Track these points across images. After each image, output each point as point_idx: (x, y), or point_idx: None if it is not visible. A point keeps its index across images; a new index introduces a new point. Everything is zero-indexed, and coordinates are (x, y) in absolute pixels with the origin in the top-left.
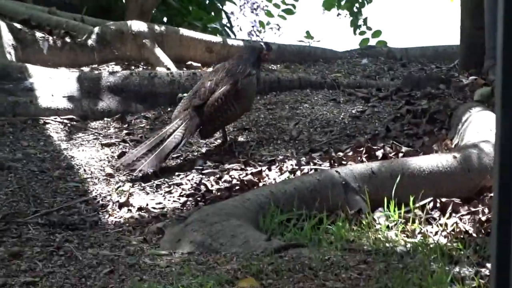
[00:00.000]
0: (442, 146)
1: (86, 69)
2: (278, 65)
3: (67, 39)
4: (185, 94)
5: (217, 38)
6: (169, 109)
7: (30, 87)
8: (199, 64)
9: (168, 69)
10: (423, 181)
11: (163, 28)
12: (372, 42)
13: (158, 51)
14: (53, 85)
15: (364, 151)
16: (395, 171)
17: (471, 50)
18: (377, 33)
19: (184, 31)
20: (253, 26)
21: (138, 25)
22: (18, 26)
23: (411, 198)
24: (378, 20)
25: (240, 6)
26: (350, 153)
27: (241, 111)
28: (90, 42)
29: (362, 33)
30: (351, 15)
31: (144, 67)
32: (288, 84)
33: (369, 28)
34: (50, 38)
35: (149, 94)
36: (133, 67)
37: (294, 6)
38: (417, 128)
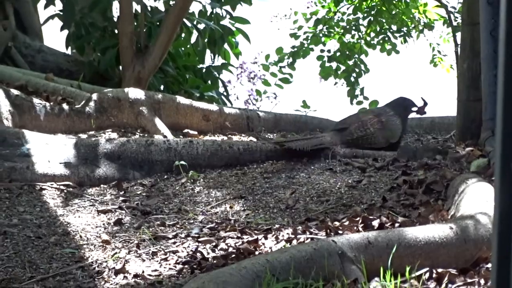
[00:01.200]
0: (438, 217)
1: (83, 135)
2: (275, 134)
3: (64, 106)
4: (182, 162)
5: (214, 107)
6: (165, 176)
7: (26, 153)
8: (196, 132)
9: (165, 136)
10: (419, 252)
11: (160, 96)
12: None
13: (155, 119)
14: (50, 151)
15: (360, 220)
16: (391, 241)
17: (467, 122)
18: (374, 103)
19: (181, 99)
20: (250, 95)
21: (135, 93)
22: (15, 92)
23: (407, 269)
24: (375, 90)
25: (237, 74)
26: (346, 223)
27: (382, 138)
28: (87, 109)
29: (359, 102)
30: (348, 85)
31: (141, 135)
32: (285, 153)
33: (366, 98)
34: (47, 104)
35: (146, 161)
36: (130, 134)
37: (291, 75)
38: (414, 198)
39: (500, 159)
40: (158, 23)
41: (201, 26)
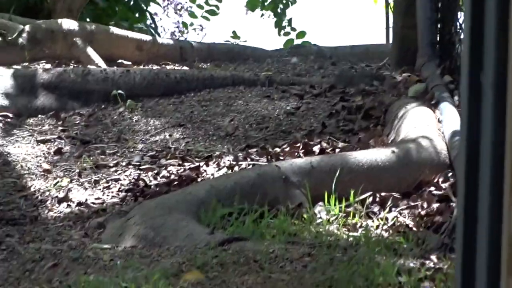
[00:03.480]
0: (378, 142)
1: (17, 67)
2: (208, 64)
3: None
4: (119, 91)
5: (147, 37)
6: (103, 106)
7: None
8: (130, 63)
9: (99, 67)
10: (362, 176)
11: (93, 26)
12: (297, 42)
13: (89, 50)
14: None
15: (301, 146)
16: (334, 165)
17: (403, 48)
18: (301, 34)
19: (114, 30)
20: (177, 27)
21: (68, 24)
22: None
23: (351, 193)
24: (303, 21)
25: (164, 7)
26: (287, 149)
27: None
28: (20, 40)
29: (286, 33)
30: (275, 16)
31: (75, 66)
32: (222, 81)
33: (293, 29)
34: None
35: (83, 91)
36: (64, 66)
37: (217, 7)
38: (353, 124)
39: (467, 73)
40: None
41: None
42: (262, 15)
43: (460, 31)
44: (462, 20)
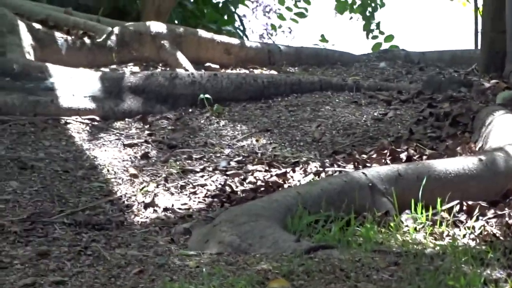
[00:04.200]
0: (466, 149)
1: (105, 69)
2: (296, 68)
3: (86, 40)
4: (207, 95)
5: (235, 40)
6: (190, 110)
7: (50, 86)
8: (217, 66)
9: (187, 70)
10: (449, 184)
11: (181, 29)
12: (385, 46)
13: (177, 53)
14: (74, 85)
15: (388, 153)
16: (421, 173)
17: (492, 54)
18: (389, 38)
19: (202, 33)
20: (265, 29)
21: (156, 26)
22: (37, 26)
23: (438, 201)
24: (392, 24)
25: (253, 9)
26: (374, 155)
27: None
28: (108, 42)
29: (374, 37)
30: (363, 19)
31: (163, 68)
32: (309, 86)
33: (381, 33)
34: (69, 38)
35: (170, 95)
36: (151, 68)
37: (306, 10)
38: (440, 131)
39: None
40: None
41: None
42: (351, 17)
43: None
44: None
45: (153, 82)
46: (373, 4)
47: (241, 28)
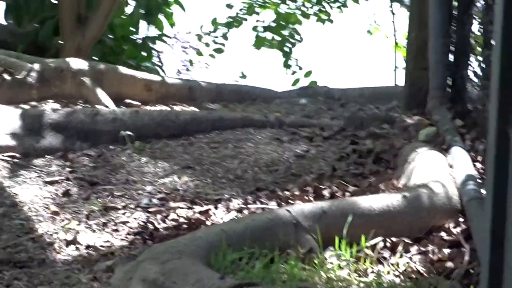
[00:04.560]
0: (389, 186)
1: (25, 106)
2: (217, 104)
3: (6, 76)
4: (128, 132)
5: (156, 77)
6: (111, 147)
7: None
8: (138, 103)
9: (107, 107)
10: (373, 221)
11: (102, 66)
12: (305, 81)
13: (97, 89)
14: None
15: (311, 190)
16: (346, 210)
17: (414, 90)
18: (308, 73)
19: (123, 69)
20: (183, 65)
21: (77, 63)
22: None
23: (362, 238)
24: (312, 60)
25: (172, 45)
26: (297, 192)
27: None
28: (29, 79)
29: (293, 72)
30: (283, 55)
31: (83, 105)
32: (231, 123)
33: (300, 68)
34: None
35: (92, 131)
36: (72, 105)
37: (223, 45)
38: (363, 167)
39: (496, 127)
40: None
41: None
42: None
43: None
44: (478, 64)
45: (74, 119)
46: (292, 40)
47: (160, 64)
